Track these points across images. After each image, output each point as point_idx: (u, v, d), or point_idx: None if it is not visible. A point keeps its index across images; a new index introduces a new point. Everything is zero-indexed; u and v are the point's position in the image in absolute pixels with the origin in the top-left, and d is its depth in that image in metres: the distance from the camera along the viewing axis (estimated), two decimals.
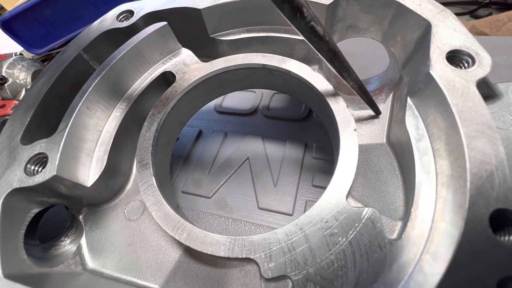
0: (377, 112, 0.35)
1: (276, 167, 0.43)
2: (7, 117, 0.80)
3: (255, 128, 0.49)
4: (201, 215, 0.40)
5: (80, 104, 0.31)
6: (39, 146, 0.29)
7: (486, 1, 1.20)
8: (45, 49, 1.18)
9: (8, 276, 0.23)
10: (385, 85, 0.40)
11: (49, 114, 0.33)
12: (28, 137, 0.31)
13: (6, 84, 0.85)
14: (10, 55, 0.96)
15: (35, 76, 0.90)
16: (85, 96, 0.32)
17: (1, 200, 0.26)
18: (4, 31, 1.08)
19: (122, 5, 0.38)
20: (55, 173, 0.27)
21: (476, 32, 0.98)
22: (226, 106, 0.55)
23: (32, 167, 0.28)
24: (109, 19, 0.37)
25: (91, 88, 0.32)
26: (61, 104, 0.34)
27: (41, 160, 0.29)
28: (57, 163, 0.27)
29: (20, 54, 1.01)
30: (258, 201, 0.40)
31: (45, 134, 0.31)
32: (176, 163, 0.47)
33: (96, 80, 0.33)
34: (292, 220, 0.38)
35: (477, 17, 1.19)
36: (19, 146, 0.29)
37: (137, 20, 0.37)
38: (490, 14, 1.17)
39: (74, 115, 0.31)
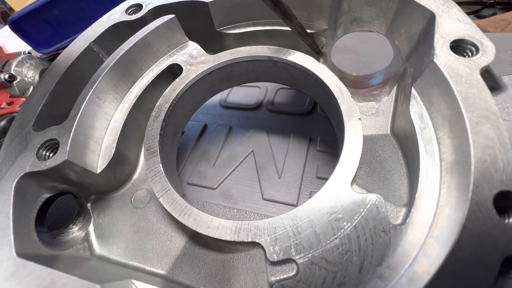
0: (319, 53, 0.38)
1: (281, 160, 0.44)
2: (15, 114, 0.81)
3: (259, 122, 0.50)
4: (206, 205, 0.40)
5: (90, 92, 0.32)
6: (50, 133, 0.30)
7: (490, 1, 1.20)
8: (53, 48, 1.20)
9: (21, 255, 0.24)
10: (389, 78, 0.40)
11: (59, 103, 0.34)
12: (40, 124, 0.31)
13: (14, 82, 0.87)
14: (18, 54, 0.98)
15: (43, 74, 0.91)
16: (95, 85, 0.33)
17: (14, 183, 0.27)
18: (13, 31, 1.11)
19: None
20: (66, 158, 0.28)
21: None
22: (231, 101, 0.55)
23: (44, 152, 0.29)
24: (118, 12, 0.38)
25: (101, 77, 0.33)
26: (71, 93, 0.34)
27: (52, 145, 0.29)
28: (68, 149, 0.28)
29: (29, 53, 1.03)
30: (263, 192, 0.40)
31: (55, 122, 0.32)
32: (182, 155, 0.48)
33: (106, 70, 0.34)
34: None
35: (481, 17, 1.19)
36: (31, 132, 0.30)
37: (146, 13, 0.38)
38: (494, 14, 1.17)
39: (84, 103, 0.31)
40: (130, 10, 0.39)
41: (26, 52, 1.03)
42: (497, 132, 0.22)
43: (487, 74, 0.34)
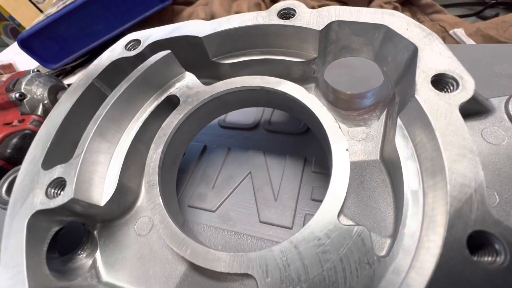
0: None
1: (277, 181, 0.45)
2: (26, 131, 0.85)
3: (257, 143, 0.52)
4: (206, 228, 0.42)
5: (93, 131, 0.34)
6: (57, 171, 0.32)
7: (492, 2, 1.18)
8: (60, 64, 1.26)
9: None
10: (380, 101, 0.41)
11: (66, 139, 0.36)
12: (49, 162, 0.34)
13: (25, 100, 0.91)
14: (28, 72, 1.01)
15: (51, 91, 0.95)
16: (97, 122, 0.35)
17: (26, 221, 0.29)
18: (22, 49, 1.16)
19: (130, 34, 0.42)
20: (72, 196, 0.30)
21: (481, 35, 0.97)
22: (229, 121, 0.57)
23: (53, 190, 0.31)
24: (118, 49, 0.41)
25: (103, 115, 0.35)
26: (77, 129, 0.37)
27: (60, 183, 0.32)
28: (73, 187, 0.31)
29: (37, 70, 1.07)
30: (260, 215, 0.42)
31: (64, 158, 0.34)
32: (183, 178, 0.50)
33: (107, 108, 0.36)
34: (291, 234, 0.40)
35: (483, 18, 1.18)
36: (40, 171, 0.33)
37: (144, 48, 0.40)
38: (497, 14, 1.15)
39: (88, 141, 0.34)
40: (129, 45, 0.41)
41: (35, 70, 1.07)
42: (473, 170, 0.24)
43: (474, 101, 0.35)
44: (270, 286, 0.27)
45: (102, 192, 0.35)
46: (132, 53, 0.40)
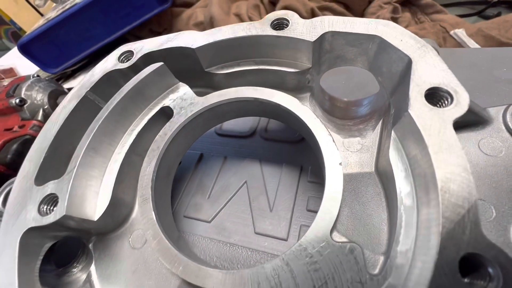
0: None
1: (273, 191, 0.45)
2: (27, 136, 0.86)
3: (253, 151, 0.51)
4: (201, 239, 0.42)
5: (86, 145, 0.34)
6: (50, 187, 0.32)
7: (494, 0, 1.16)
8: (60, 68, 1.26)
9: None
10: (376, 110, 0.41)
11: (60, 153, 0.36)
12: (42, 177, 0.34)
13: (25, 106, 0.91)
14: (28, 78, 1.02)
15: (51, 96, 0.95)
16: (90, 137, 0.35)
17: (19, 239, 0.29)
18: (22, 54, 1.16)
19: (122, 46, 0.41)
20: (64, 213, 0.30)
21: (482, 36, 0.95)
22: (226, 128, 0.57)
23: (45, 207, 0.31)
24: (111, 61, 0.40)
25: (95, 129, 0.35)
26: (71, 143, 0.37)
27: (52, 200, 0.32)
28: (66, 204, 0.30)
29: (37, 75, 1.07)
30: (255, 226, 0.42)
31: (58, 172, 0.34)
32: (179, 187, 0.50)
33: (100, 121, 0.36)
34: (286, 245, 0.40)
35: (485, 17, 1.16)
36: (33, 187, 0.33)
37: (137, 60, 0.40)
38: (499, 13, 1.14)
39: (81, 156, 0.34)
40: (122, 57, 0.41)
41: (35, 75, 1.07)
42: (466, 190, 0.23)
43: (470, 112, 0.34)
44: None
45: (95, 206, 0.35)
46: (125, 64, 0.40)
